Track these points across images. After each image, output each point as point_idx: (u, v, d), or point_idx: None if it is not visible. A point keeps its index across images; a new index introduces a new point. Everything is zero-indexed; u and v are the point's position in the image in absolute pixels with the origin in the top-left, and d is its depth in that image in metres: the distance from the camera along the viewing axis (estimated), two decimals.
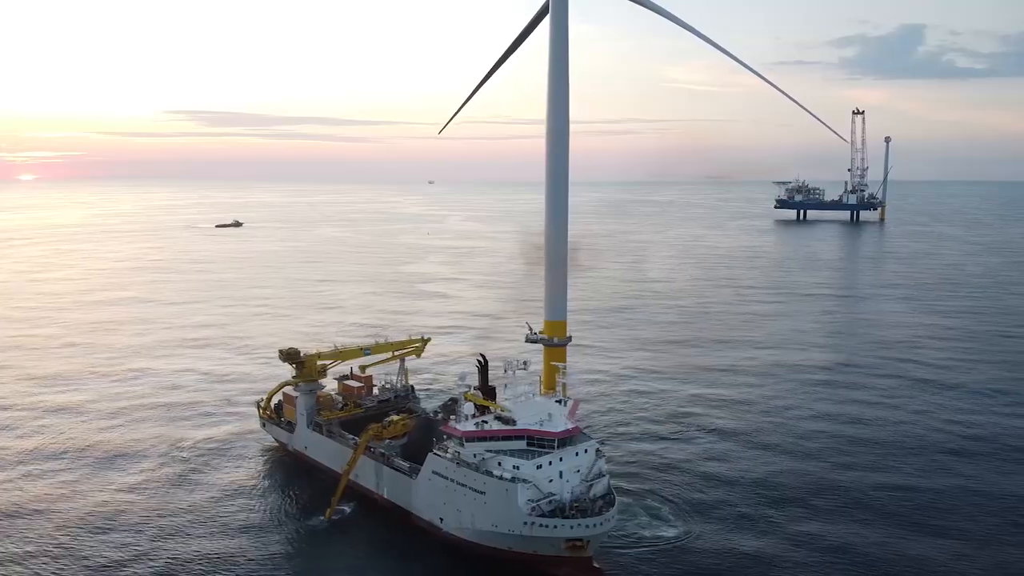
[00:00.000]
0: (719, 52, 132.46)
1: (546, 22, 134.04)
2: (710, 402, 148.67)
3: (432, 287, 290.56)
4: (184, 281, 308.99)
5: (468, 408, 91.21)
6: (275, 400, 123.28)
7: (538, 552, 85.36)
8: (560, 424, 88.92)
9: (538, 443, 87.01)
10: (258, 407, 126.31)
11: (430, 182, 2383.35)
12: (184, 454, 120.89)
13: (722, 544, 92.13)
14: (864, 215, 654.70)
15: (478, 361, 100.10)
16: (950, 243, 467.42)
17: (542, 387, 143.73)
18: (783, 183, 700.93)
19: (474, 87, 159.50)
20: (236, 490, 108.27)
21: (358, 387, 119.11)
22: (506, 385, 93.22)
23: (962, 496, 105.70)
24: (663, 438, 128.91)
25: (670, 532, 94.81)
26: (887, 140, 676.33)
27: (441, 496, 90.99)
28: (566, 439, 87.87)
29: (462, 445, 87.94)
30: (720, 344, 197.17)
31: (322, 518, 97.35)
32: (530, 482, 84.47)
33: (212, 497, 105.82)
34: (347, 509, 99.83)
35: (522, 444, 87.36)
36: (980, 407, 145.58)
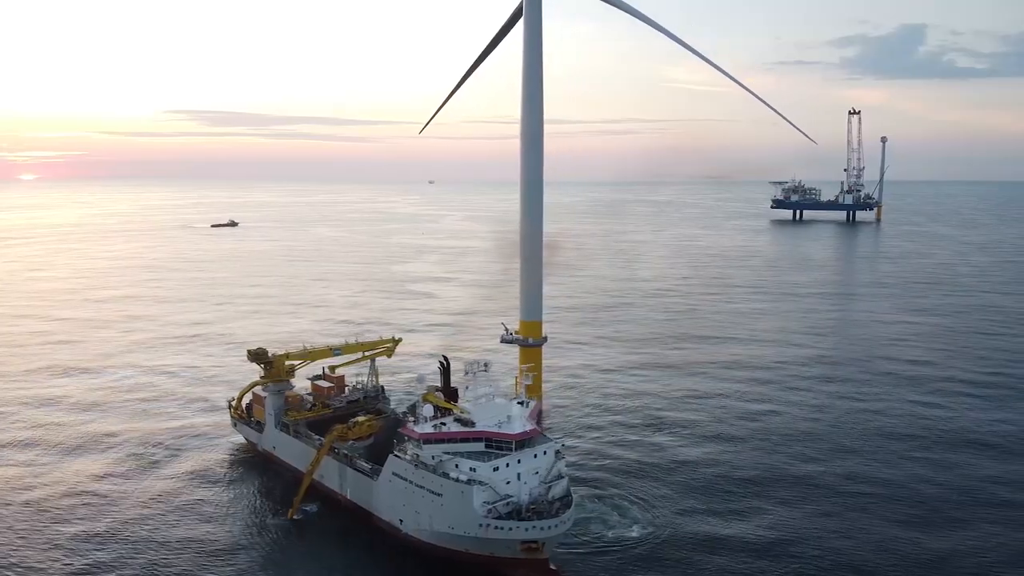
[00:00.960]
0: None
1: (521, 23, 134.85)
2: (687, 401, 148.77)
3: (421, 287, 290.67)
4: (174, 280, 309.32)
5: (427, 410, 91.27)
6: (246, 400, 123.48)
7: (494, 554, 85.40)
8: (519, 426, 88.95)
9: (496, 445, 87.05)
10: (229, 406, 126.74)
11: (430, 182, 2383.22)
12: (153, 450, 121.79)
13: (688, 544, 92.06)
14: (860, 215, 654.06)
15: (440, 363, 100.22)
16: (943, 243, 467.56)
17: (517, 388, 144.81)
18: (779, 183, 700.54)
19: (452, 88, 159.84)
20: (201, 488, 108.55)
21: (328, 387, 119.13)
22: (467, 387, 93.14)
23: (924, 485, 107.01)
24: (638, 437, 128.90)
25: (636, 532, 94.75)
26: (883, 140, 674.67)
27: (400, 497, 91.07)
28: (524, 441, 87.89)
29: (420, 447, 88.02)
30: (702, 343, 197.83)
31: (284, 518, 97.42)
32: (486, 484, 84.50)
33: (175, 495, 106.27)
34: (311, 509, 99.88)
35: (480, 446, 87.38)
36: (946, 401, 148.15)
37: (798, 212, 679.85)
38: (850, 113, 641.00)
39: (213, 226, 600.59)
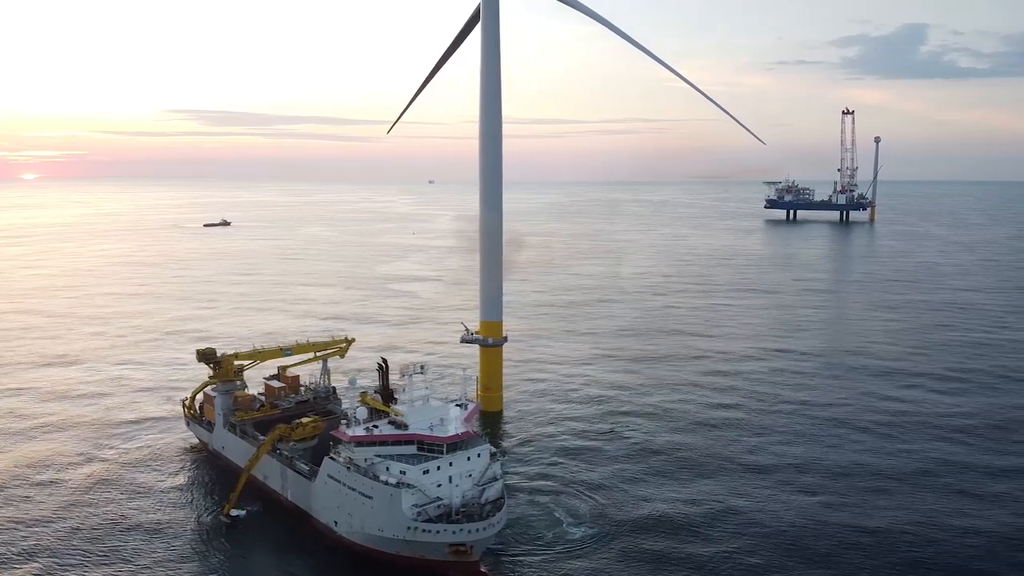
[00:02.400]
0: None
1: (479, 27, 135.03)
2: (649, 400, 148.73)
3: (402, 287, 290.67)
4: (157, 279, 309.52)
5: (361, 412, 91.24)
6: (199, 399, 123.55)
7: (424, 556, 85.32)
8: (451, 429, 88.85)
9: (428, 448, 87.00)
10: (183, 405, 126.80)
11: (430, 181, 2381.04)
12: (105, 445, 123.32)
13: (630, 545, 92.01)
14: (854, 215, 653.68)
15: (379, 364, 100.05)
16: (932, 242, 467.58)
17: (479, 388, 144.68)
18: (773, 183, 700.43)
19: (416, 90, 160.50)
20: (145, 485, 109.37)
21: (279, 387, 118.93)
22: (404, 389, 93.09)
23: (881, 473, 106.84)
24: (595, 436, 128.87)
25: (578, 533, 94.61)
26: (877, 140, 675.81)
27: (335, 499, 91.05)
28: (456, 444, 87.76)
29: (351, 449, 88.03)
30: (672, 340, 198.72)
31: (220, 515, 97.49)
32: (415, 487, 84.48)
33: (117, 489, 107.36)
34: (245, 513, 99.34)
35: (412, 449, 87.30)
36: (904, 392, 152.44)
37: (792, 212, 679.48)
38: (844, 113, 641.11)
39: (205, 225, 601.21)
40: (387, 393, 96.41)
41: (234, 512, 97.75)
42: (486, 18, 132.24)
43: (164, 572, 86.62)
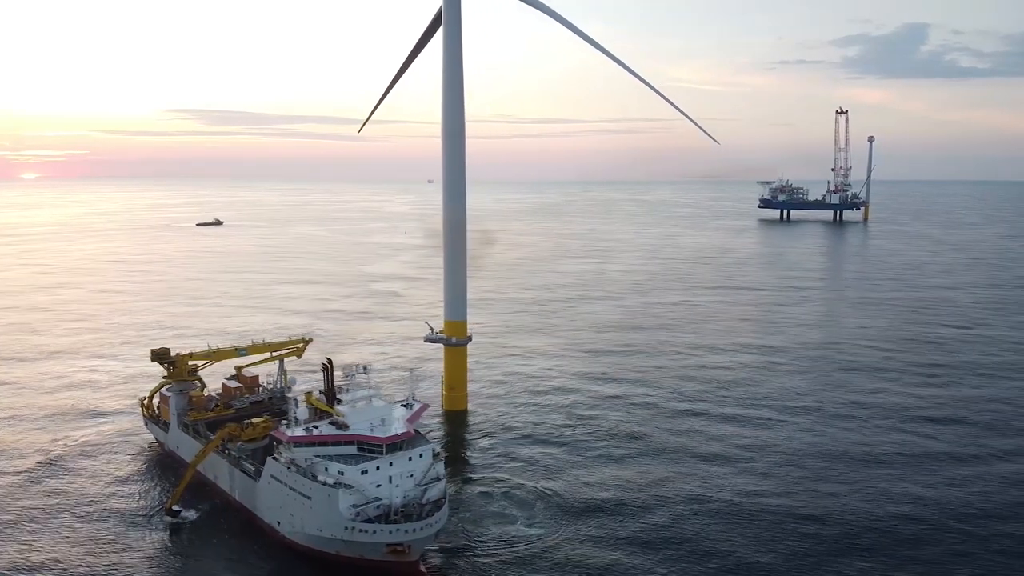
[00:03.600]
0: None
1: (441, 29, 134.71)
2: (617, 401, 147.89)
3: (386, 286, 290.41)
4: (140, 278, 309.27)
5: (302, 413, 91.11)
6: (157, 399, 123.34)
7: (363, 556, 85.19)
8: (392, 429, 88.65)
9: (367, 448, 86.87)
10: (141, 404, 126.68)
11: (429, 181, 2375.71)
12: (63, 442, 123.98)
13: (579, 544, 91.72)
14: (847, 215, 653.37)
15: (323, 364, 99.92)
16: (922, 242, 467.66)
17: (443, 387, 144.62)
18: (767, 183, 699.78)
19: (383, 92, 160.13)
20: (97, 482, 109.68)
21: (235, 387, 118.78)
22: (347, 389, 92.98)
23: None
24: (560, 436, 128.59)
25: (529, 532, 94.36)
26: (870, 140, 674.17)
27: (278, 499, 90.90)
28: (396, 444, 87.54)
29: (291, 450, 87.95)
30: (646, 340, 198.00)
31: (165, 516, 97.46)
32: (353, 487, 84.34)
33: (68, 486, 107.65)
34: (196, 512, 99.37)
35: (353, 449, 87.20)
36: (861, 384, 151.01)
37: (786, 212, 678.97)
38: (837, 113, 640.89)
39: (198, 225, 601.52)
40: (331, 393, 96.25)
41: (177, 508, 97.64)
42: (447, 21, 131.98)
43: (104, 568, 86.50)
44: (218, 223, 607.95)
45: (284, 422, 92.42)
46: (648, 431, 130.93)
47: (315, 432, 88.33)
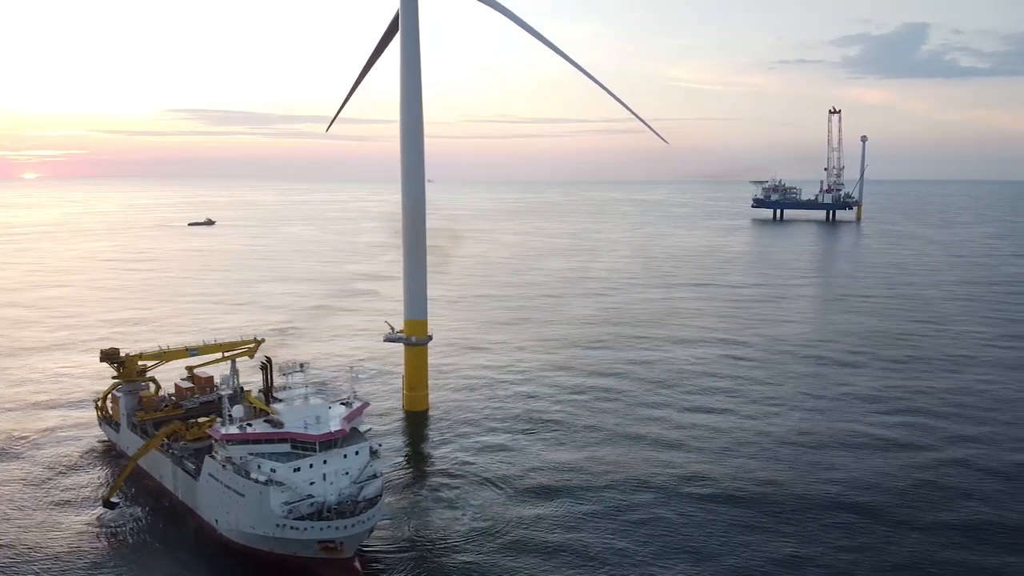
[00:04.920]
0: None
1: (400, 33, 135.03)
2: (581, 399, 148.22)
3: (366, 285, 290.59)
4: (122, 278, 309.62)
5: (237, 411, 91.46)
6: (109, 400, 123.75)
7: (296, 553, 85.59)
8: (326, 427, 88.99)
9: (301, 446, 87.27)
10: (95, 405, 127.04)
11: (428, 180, 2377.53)
12: (15, 440, 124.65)
13: (522, 539, 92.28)
14: (840, 214, 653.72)
15: (262, 363, 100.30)
16: (912, 241, 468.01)
17: (404, 387, 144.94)
18: (760, 182, 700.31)
19: (349, 89, 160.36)
20: (41, 479, 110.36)
21: (187, 388, 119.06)
22: (284, 387, 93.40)
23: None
24: (519, 434, 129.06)
25: (472, 526, 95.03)
26: (863, 140, 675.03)
27: (215, 498, 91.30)
28: (330, 442, 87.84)
29: (225, 448, 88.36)
30: (616, 337, 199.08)
31: (103, 507, 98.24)
32: (285, 484, 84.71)
33: (12, 482, 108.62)
34: (131, 506, 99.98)
35: (287, 447, 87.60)
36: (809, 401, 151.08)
37: (779, 211, 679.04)
38: (830, 112, 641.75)
39: (190, 224, 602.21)
40: (269, 392, 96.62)
41: (115, 500, 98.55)
42: (405, 25, 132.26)
43: (41, 562, 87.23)
44: (210, 223, 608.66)
45: (219, 420, 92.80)
46: (607, 428, 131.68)
47: (249, 430, 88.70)
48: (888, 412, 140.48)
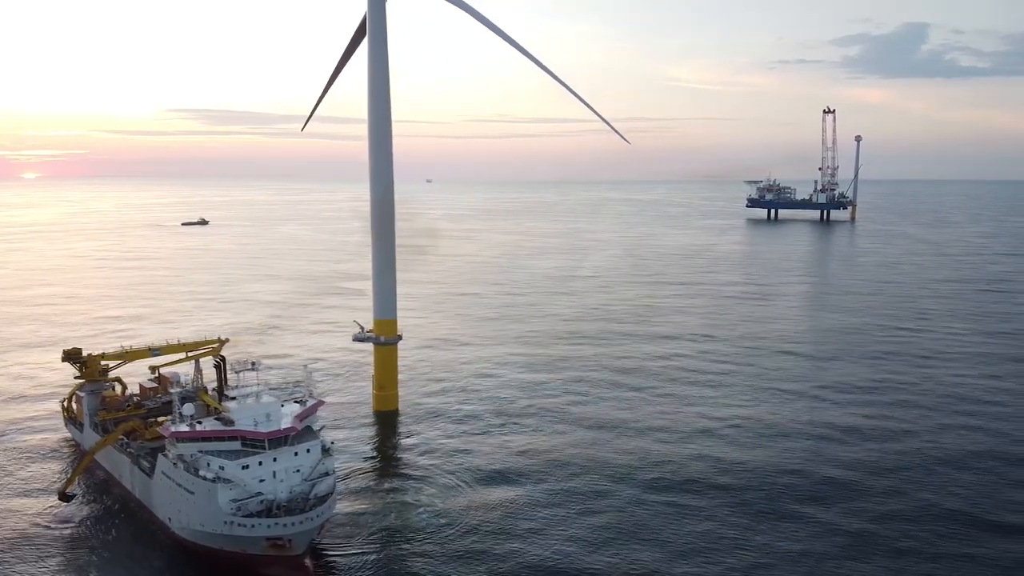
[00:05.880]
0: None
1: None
2: (554, 399, 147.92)
3: (352, 285, 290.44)
4: (111, 278, 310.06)
5: (187, 409, 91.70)
6: (74, 400, 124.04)
7: (246, 550, 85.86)
8: (276, 424, 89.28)
9: (250, 444, 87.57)
10: (62, 405, 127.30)
11: (428, 180, 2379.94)
12: None
13: (477, 538, 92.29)
14: (835, 214, 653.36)
15: (215, 362, 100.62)
16: (903, 241, 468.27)
17: (374, 387, 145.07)
18: (754, 182, 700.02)
19: (323, 89, 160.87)
20: (3, 477, 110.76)
21: (152, 388, 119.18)
22: (237, 386, 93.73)
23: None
24: (489, 433, 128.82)
25: (428, 524, 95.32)
26: (857, 139, 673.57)
27: (168, 496, 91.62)
28: (279, 439, 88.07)
29: (176, 445, 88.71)
30: (596, 336, 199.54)
31: (59, 500, 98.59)
32: (233, 482, 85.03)
33: None
34: (87, 501, 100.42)
35: (237, 445, 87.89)
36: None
37: (773, 211, 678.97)
38: (825, 112, 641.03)
39: (183, 224, 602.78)
40: (222, 390, 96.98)
41: (71, 493, 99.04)
42: (372, 32, 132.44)
43: None
44: (203, 223, 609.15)
45: (171, 418, 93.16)
46: (576, 426, 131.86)
47: (198, 428, 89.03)
48: (850, 404, 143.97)
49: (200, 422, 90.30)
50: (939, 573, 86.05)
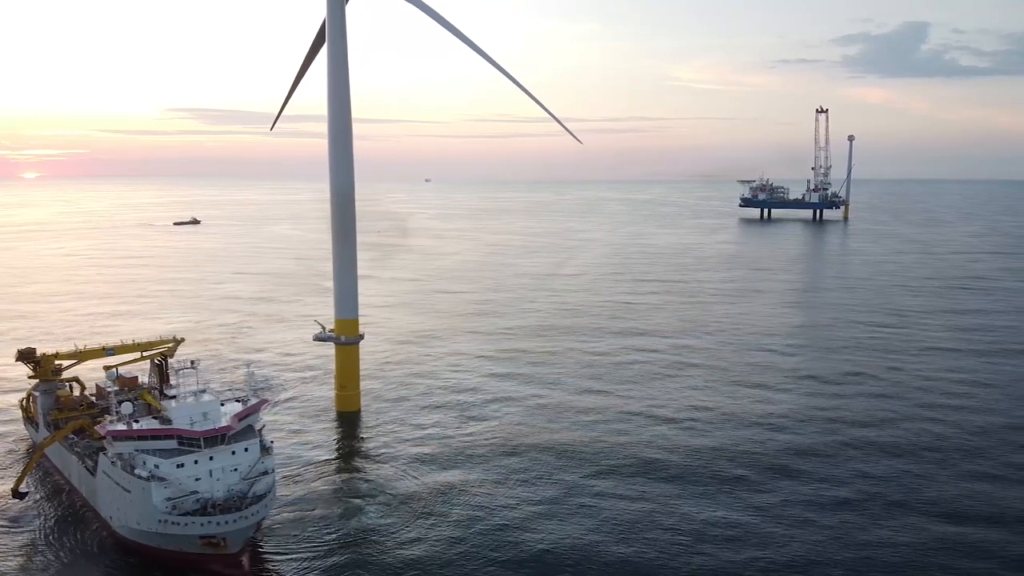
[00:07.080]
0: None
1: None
2: (513, 397, 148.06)
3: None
4: (94, 277, 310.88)
5: (126, 408, 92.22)
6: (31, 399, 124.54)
7: (183, 549, 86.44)
8: (213, 423, 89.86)
9: (187, 442, 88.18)
10: (21, 405, 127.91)
11: (426, 180, 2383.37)
12: None
13: (421, 536, 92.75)
14: (828, 214, 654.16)
15: (157, 362, 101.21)
16: (892, 240, 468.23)
17: (335, 386, 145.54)
18: (747, 181, 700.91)
19: (290, 87, 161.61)
20: None
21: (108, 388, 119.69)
22: (175, 385, 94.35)
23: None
24: (446, 433, 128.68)
25: (382, 522, 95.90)
26: (850, 139, 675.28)
27: (108, 494, 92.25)
28: (215, 438, 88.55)
29: (112, 444, 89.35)
30: (574, 334, 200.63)
31: (13, 499, 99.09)
32: (168, 480, 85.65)
33: None
34: (45, 505, 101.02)
35: (173, 443, 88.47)
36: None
37: (766, 211, 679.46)
38: (817, 111, 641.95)
39: (175, 224, 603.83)
40: (162, 389, 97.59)
41: (24, 490, 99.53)
42: (331, 35, 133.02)
43: None
44: (195, 222, 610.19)
45: (109, 418, 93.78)
46: (537, 424, 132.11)
47: (135, 427, 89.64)
48: (808, 395, 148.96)
49: (137, 421, 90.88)
50: (878, 556, 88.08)
